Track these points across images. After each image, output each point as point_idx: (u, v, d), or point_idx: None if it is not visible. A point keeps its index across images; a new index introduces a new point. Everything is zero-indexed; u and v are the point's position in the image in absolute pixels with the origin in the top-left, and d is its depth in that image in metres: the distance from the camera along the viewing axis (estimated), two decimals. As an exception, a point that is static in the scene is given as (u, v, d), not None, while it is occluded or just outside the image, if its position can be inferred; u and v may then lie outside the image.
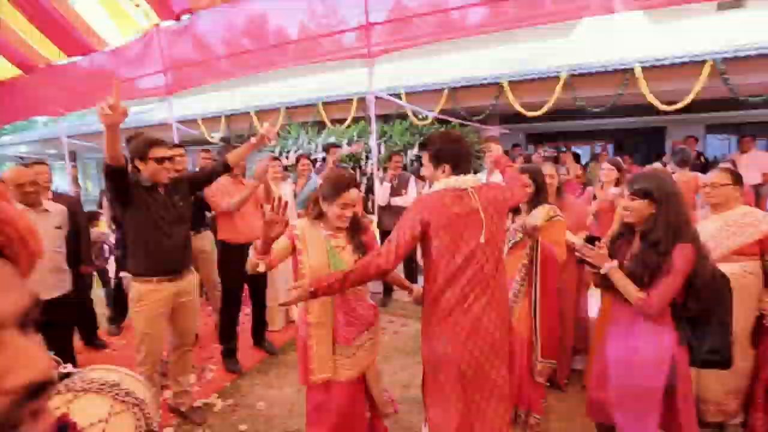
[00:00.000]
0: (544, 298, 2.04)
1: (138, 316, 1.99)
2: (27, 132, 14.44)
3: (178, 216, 2.05)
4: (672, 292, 1.43)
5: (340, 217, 1.57)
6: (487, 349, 1.45)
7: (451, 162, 1.48)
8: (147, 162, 1.92)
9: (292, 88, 9.20)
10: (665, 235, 1.42)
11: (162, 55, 5.22)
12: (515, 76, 5.62)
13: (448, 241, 1.40)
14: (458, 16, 4.10)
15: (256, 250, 1.48)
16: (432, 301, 1.47)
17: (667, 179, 1.52)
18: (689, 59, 4.59)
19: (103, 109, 1.51)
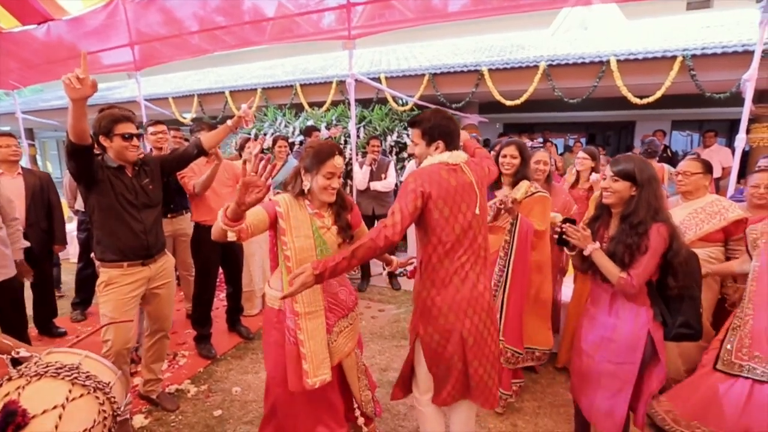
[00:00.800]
0: (516, 278, 2.08)
1: (105, 301, 1.87)
2: (-23, 107, 13.33)
3: (147, 199, 1.93)
4: (651, 270, 1.49)
5: (326, 189, 1.47)
6: (484, 316, 1.50)
7: (444, 138, 1.49)
8: (112, 139, 1.79)
9: (269, 69, 8.91)
10: (645, 216, 1.47)
11: (129, 27, 4.88)
12: (495, 64, 5.65)
13: (447, 212, 1.42)
14: (439, 0, 4.04)
15: (226, 215, 1.29)
16: (430, 272, 1.47)
17: (646, 163, 1.56)
18: (661, 54, 4.76)
19: (71, 82, 1.39)
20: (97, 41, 5.18)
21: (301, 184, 1.51)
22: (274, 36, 4.69)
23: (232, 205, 1.28)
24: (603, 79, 5.01)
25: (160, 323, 2.14)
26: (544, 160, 2.47)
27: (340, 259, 1.31)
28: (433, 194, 1.40)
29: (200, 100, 7.71)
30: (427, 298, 1.49)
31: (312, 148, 1.50)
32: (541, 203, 2.20)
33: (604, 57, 4.96)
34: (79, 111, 1.51)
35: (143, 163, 1.94)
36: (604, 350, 1.59)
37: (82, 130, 1.57)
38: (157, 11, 4.77)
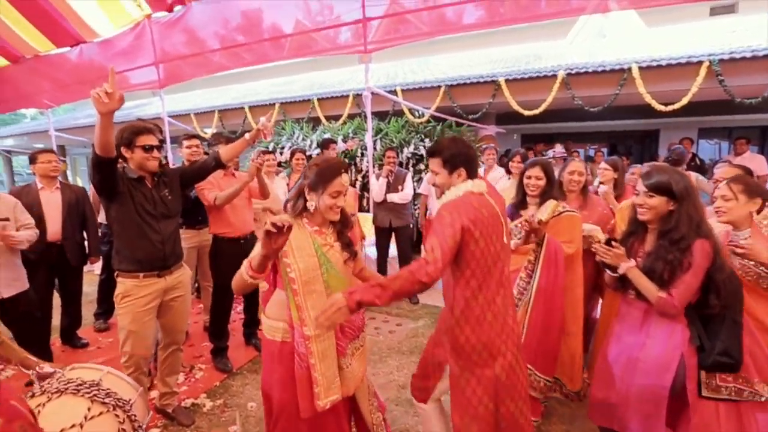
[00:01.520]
0: (541, 300, 1.97)
1: (123, 313, 1.89)
2: (14, 126, 14.11)
3: (166, 210, 1.95)
4: (694, 290, 1.39)
5: (331, 208, 1.41)
6: (515, 351, 1.45)
7: (466, 166, 1.45)
8: (134, 150, 1.84)
9: (287, 85, 9.11)
10: (688, 231, 1.38)
11: (154, 47, 5.09)
12: (512, 74, 5.61)
13: (483, 244, 1.36)
14: (454, 12, 4.05)
15: (251, 267, 1.27)
16: (464, 307, 1.41)
17: (681, 173, 1.48)
18: (686, 60, 4.61)
19: (100, 96, 1.44)
20: (125, 61, 5.42)
21: (305, 204, 1.43)
22: (293, 52, 4.79)
23: (257, 258, 1.25)
24: (625, 87, 4.88)
25: (173, 336, 2.14)
26: (579, 170, 2.33)
27: (375, 293, 1.23)
28: (471, 228, 1.34)
29: (220, 115, 7.93)
30: (460, 335, 1.41)
31: (317, 166, 1.42)
32: (570, 223, 2.07)
33: (625, 64, 4.85)
34: (106, 124, 1.54)
35: (162, 174, 1.98)
36: (631, 371, 1.48)
37: (108, 143, 1.60)
38: (181, 31, 4.96)
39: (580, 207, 2.34)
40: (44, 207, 2.73)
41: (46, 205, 2.74)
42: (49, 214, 2.74)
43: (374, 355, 2.95)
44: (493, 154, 4.27)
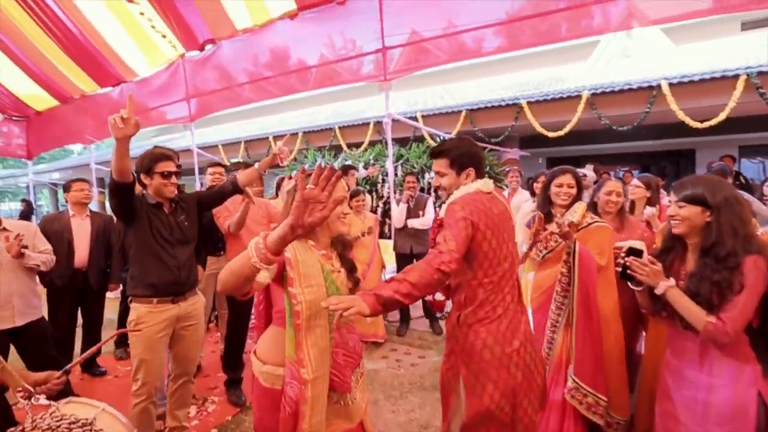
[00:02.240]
0: (583, 309, 1.79)
1: (136, 340, 1.88)
2: (62, 160, 15.22)
3: (182, 235, 1.96)
4: (749, 314, 1.21)
5: (339, 217, 1.27)
6: (531, 351, 1.38)
7: (475, 165, 1.41)
8: (152, 176, 1.87)
9: (310, 116, 9.41)
10: (734, 246, 1.21)
11: (186, 84, 5.41)
12: (534, 96, 5.53)
13: (495, 243, 1.32)
14: (473, 39, 4.07)
15: (267, 247, 0.96)
16: (477, 308, 1.34)
17: (721, 182, 1.32)
18: (720, 74, 4.40)
19: (116, 122, 1.48)
20: (159, 97, 5.77)
21: None
22: (316, 83, 4.95)
23: (279, 231, 0.95)
24: (655, 105, 4.69)
25: (184, 366, 2.08)
26: (617, 190, 2.15)
27: (392, 287, 1.11)
28: (480, 224, 1.29)
29: (246, 146, 8.24)
30: (473, 336, 1.32)
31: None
32: (600, 234, 1.93)
33: (654, 81, 4.67)
34: (122, 149, 1.57)
35: (180, 200, 1.99)
36: (700, 415, 1.27)
37: (124, 168, 1.63)
38: (211, 68, 5.25)
39: (617, 229, 2.17)
40: (74, 233, 2.83)
41: (75, 232, 2.84)
42: (78, 240, 2.83)
43: (395, 390, 2.77)
44: (516, 177, 4.15)
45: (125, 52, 5.20)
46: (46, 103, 6.37)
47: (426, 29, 4.05)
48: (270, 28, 4.52)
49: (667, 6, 3.05)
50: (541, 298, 1.98)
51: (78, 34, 4.70)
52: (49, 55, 5.12)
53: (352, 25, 4.33)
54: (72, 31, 4.60)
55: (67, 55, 5.15)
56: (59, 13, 4.15)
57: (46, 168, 13.61)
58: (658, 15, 3.15)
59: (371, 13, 4.06)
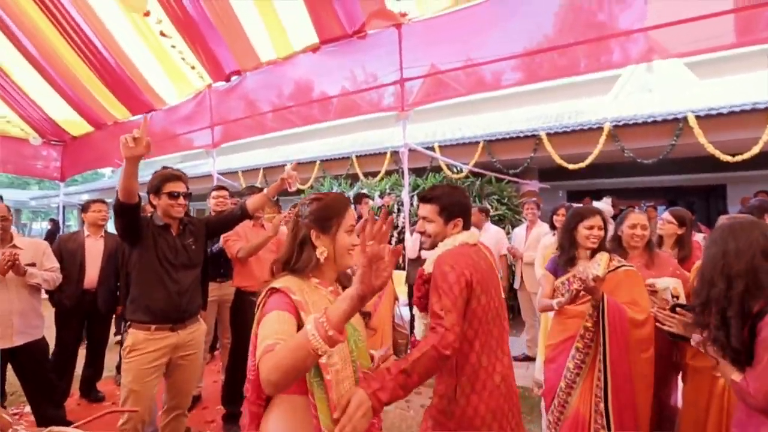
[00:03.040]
0: (618, 374, 1.62)
1: (127, 368, 1.79)
2: (93, 183, 15.94)
3: (187, 259, 1.92)
4: None
5: (350, 250, 1.11)
6: (516, 413, 1.31)
7: (463, 217, 1.37)
8: (161, 197, 1.87)
9: (329, 145, 9.60)
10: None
11: (211, 112, 5.63)
12: (554, 128, 5.46)
13: (485, 300, 1.25)
14: (491, 72, 4.09)
15: (332, 325, 0.79)
16: (470, 373, 1.25)
17: (729, 228, 1.18)
18: (750, 107, 4.24)
19: (127, 141, 1.48)
20: (186, 125, 6.02)
21: (312, 255, 1.08)
22: (336, 114, 5.06)
23: (344, 305, 0.80)
24: (681, 138, 4.54)
25: (179, 399, 1.97)
26: (642, 223, 2.04)
27: (399, 383, 1.01)
28: (473, 282, 1.22)
29: (265, 173, 8.41)
30: (467, 407, 1.22)
31: (319, 201, 1.13)
32: (629, 280, 1.75)
33: (679, 114, 4.55)
34: (131, 169, 1.57)
35: (189, 223, 1.96)
36: None
37: (130, 189, 1.62)
38: (236, 98, 5.46)
39: (646, 266, 2.01)
40: (87, 254, 2.85)
41: (88, 252, 2.87)
42: (90, 261, 2.86)
43: (402, 432, 2.57)
44: (533, 209, 4.02)
45: (156, 82, 5.49)
46: (82, 128, 6.72)
47: (444, 62, 4.11)
48: (293, 60, 4.69)
49: (689, 39, 2.98)
50: (559, 347, 1.80)
51: (114, 64, 4.99)
52: (86, 82, 5.44)
53: (372, 59, 4.44)
54: (108, 61, 4.89)
55: (102, 83, 5.47)
56: (97, 43, 4.43)
57: (77, 189, 14.24)
58: (678, 49, 3.08)
59: (391, 46, 4.16)
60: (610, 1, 3.14)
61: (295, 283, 1.04)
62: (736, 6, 2.74)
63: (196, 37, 4.39)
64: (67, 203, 14.39)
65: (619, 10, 3.11)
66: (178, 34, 4.26)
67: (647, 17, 3.02)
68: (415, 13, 3.88)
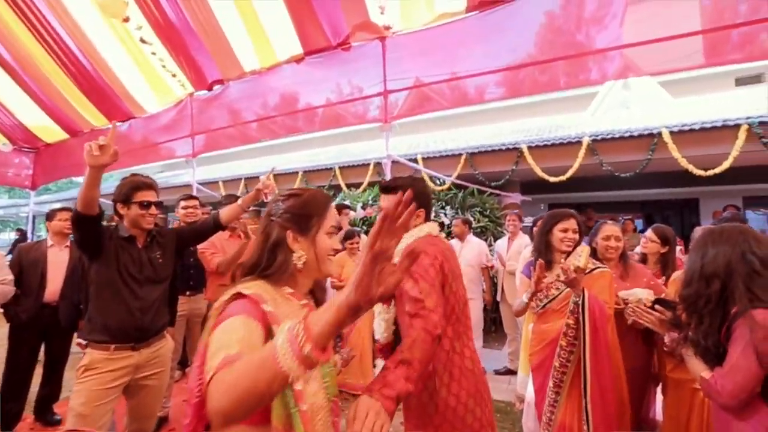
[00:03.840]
0: (598, 369, 1.60)
1: (79, 390, 1.63)
2: (68, 191, 15.40)
3: (153, 273, 1.80)
4: (745, 373, 1.03)
5: (330, 256, 0.99)
6: (489, 396, 1.30)
7: (426, 207, 1.38)
8: (130, 206, 1.76)
9: (311, 156, 9.57)
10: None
11: (192, 121, 5.55)
12: (535, 141, 5.58)
13: (456, 287, 1.26)
14: (474, 84, 4.15)
15: (312, 340, 0.61)
16: (446, 361, 1.23)
17: (711, 232, 1.21)
18: (721, 123, 4.42)
19: (91, 149, 1.40)
20: (166, 133, 5.89)
21: (288, 260, 0.93)
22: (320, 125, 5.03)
23: (330, 316, 0.62)
24: (657, 152, 4.70)
25: (141, 422, 1.82)
26: (615, 234, 2.05)
27: (404, 375, 0.94)
28: (446, 269, 1.23)
29: (246, 183, 8.30)
30: (449, 396, 1.19)
31: (297, 197, 0.97)
32: (602, 281, 1.80)
33: (655, 130, 4.71)
34: (93, 179, 1.48)
35: (157, 234, 1.86)
36: None
37: (90, 199, 1.53)
38: (217, 107, 5.38)
39: (621, 277, 2.02)
40: (49, 265, 2.69)
41: (51, 263, 2.71)
42: (53, 272, 2.70)
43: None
44: (515, 220, 4.05)
45: (136, 89, 5.37)
46: (56, 135, 6.51)
47: (428, 75, 4.15)
48: (277, 70, 4.67)
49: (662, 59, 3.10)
50: (543, 353, 1.78)
51: (91, 70, 4.87)
52: (61, 88, 5.28)
53: (356, 70, 4.46)
54: (85, 66, 4.76)
55: (79, 89, 5.32)
56: (74, 47, 4.32)
57: (50, 198, 13.73)
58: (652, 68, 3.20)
59: (375, 58, 4.18)
60: (587, 23, 3.25)
61: (266, 291, 0.88)
62: (703, 28, 2.86)
63: (177, 44, 4.32)
64: (38, 213, 13.85)
65: (595, 32, 3.22)
66: (158, 41, 4.19)
67: (622, 38, 3.12)
68: (399, 26, 3.93)
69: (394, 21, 3.93)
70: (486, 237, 5.22)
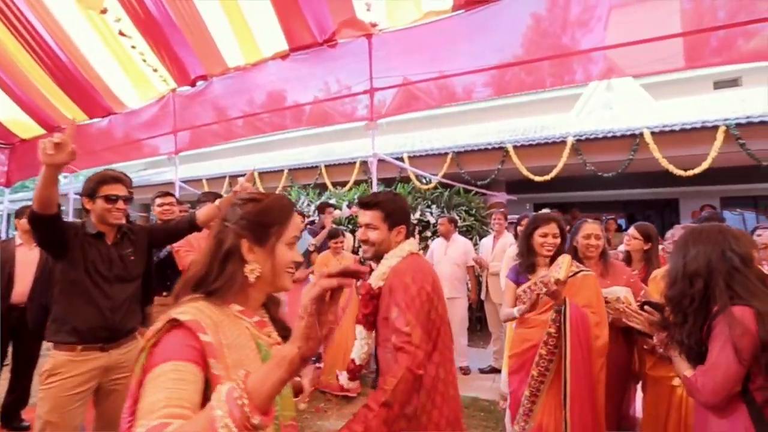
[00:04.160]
0: (578, 380, 1.60)
1: (44, 396, 1.55)
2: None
3: (123, 271, 1.72)
4: (725, 371, 1.03)
5: (291, 267, 0.89)
6: (461, 419, 1.29)
7: (406, 224, 1.35)
8: (95, 201, 1.68)
9: (297, 155, 9.49)
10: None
11: (174, 117, 5.43)
12: (520, 141, 5.62)
13: (441, 310, 1.24)
14: (461, 82, 4.15)
15: (254, 404, 0.55)
16: (429, 388, 1.21)
17: (692, 232, 1.22)
18: (700, 124, 4.53)
19: (45, 147, 1.30)
20: (147, 130, 5.75)
21: (238, 273, 0.83)
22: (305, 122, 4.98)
23: (275, 373, 0.58)
24: (638, 152, 4.79)
25: (111, 429, 1.73)
26: (596, 233, 2.05)
27: (380, 419, 0.97)
28: (431, 292, 1.21)
29: (230, 181, 8.17)
30: (429, 423, 1.17)
31: (256, 203, 0.88)
32: (588, 284, 1.77)
33: (636, 130, 4.80)
34: (48, 177, 1.40)
35: (129, 231, 1.79)
36: None
37: (47, 198, 1.45)
38: (201, 103, 5.27)
39: (601, 275, 2.03)
40: (18, 265, 2.59)
41: (20, 263, 2.60)
42: (21, 272, 2.59)
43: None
44: (500, 219, 4.07)
45: (116, 84, 5.23)
46: (32, 131, 6.29)
47: (414, 73, 4.14)
48: (262, 67, 4.59)
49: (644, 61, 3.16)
50: (522, 357, 1.77)
51: (68, 63, 4.71)
52: (37, 82, 5.11)
53: (342, 68, 4.41)
54: (62, 60, 4.61)
55: (56, 83, 5.15)
56: (50, 41, 4.17)
57: (26, 196, 13.29)
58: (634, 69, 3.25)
59: (361, 56, 4.15)
60: (573, 26, 3.28)
61: (208, 314, 0.77)
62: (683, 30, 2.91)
63: (158, 38, 4.21)
64: (14, 211, 13.39)
65: (581, 35, 3.26)
66: (138, 34, 4.07)
67: (606, 42, 3.17)
68: (386, 24, 3.90)
69: (381, 18, 3.90)
70: (471, 236, 5.25)
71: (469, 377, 4.00)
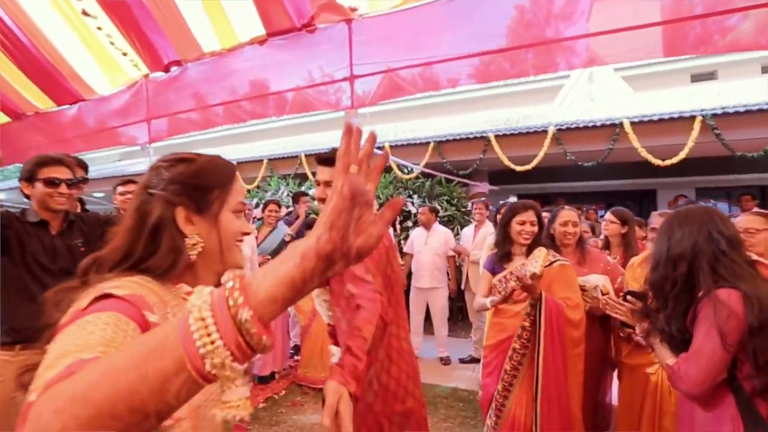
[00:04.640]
0: (550, 374, 1.58)
1: None
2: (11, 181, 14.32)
3: (71, 263, 1.59)
4: (709, 358, 1.00)
5: (240, 241, 0.78)
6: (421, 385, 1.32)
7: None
8: (34, 185, 1.53)
9: (277, 146, 9.31)
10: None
11: (147, 104, 5.22)
12: (502, 130, 5.62)
13: (396, 267, 1.25)
14: (444, 69, 4.08)
15: (255, 311, 0.38)
16: (386, 345, 1.22)
17: (676, 215, 1.19)
18: (678, 115, 4.60)
19: None
20: (119, 118, 5.52)
21: (179, 247, 0.68)
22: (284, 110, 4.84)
23: (285, 269, 0.40)
24: (618, 142, 4.84)
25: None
26: (573, 220, 2.06)
27: (359, 354, 0.96)
28: (388, 246, 1.21)
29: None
30: (389, 380, 1.18)
31: (188, 163, 0.73)
32: (564, 274, 1.76)
33: (616, 120, 4.84)
34: None
35: (78, 219, 1.66)
36: None
37: None
38: (175, 90, 5.06)
39: (578, 263, 2.03)
40: None
41: None
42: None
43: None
44: (481, 209, 4.06)
45: (83, 69, 4.98)
46: (-5, 118, 5.97)
47: (396, 60, 4.04)
48: (239, 53, 4.42)
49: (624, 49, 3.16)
50: (496, 350, 1.74)
51: (30, 47, 4.45)
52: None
53: (322, 53, 4.28)
54: (24, 43, 4.35)
55: (18, 68, 4.87)
56: (6, 19, 3.91)
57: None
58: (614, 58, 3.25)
59: (341, 41, 4.03)
60: (556, 18, 3.25)
61: (151, 289, 0.64)
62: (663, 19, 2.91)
63: (126, 19, 4.01)
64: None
65: (564, 27, 3.25)
66: (104, 14, 3.86)
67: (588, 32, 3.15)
68: (366, 9, 3.78)
69: (361, 3, 3.78)
70: (453, 226, 5.24)
71: (448, 367, 4.00)
